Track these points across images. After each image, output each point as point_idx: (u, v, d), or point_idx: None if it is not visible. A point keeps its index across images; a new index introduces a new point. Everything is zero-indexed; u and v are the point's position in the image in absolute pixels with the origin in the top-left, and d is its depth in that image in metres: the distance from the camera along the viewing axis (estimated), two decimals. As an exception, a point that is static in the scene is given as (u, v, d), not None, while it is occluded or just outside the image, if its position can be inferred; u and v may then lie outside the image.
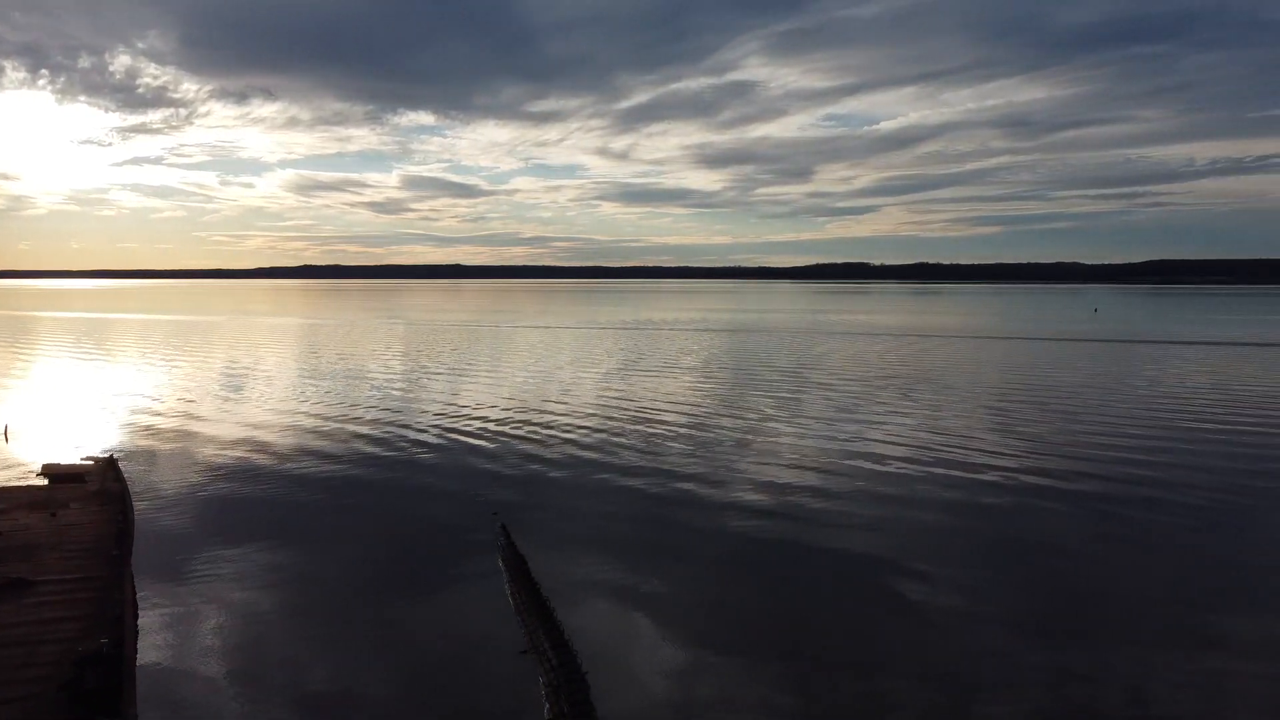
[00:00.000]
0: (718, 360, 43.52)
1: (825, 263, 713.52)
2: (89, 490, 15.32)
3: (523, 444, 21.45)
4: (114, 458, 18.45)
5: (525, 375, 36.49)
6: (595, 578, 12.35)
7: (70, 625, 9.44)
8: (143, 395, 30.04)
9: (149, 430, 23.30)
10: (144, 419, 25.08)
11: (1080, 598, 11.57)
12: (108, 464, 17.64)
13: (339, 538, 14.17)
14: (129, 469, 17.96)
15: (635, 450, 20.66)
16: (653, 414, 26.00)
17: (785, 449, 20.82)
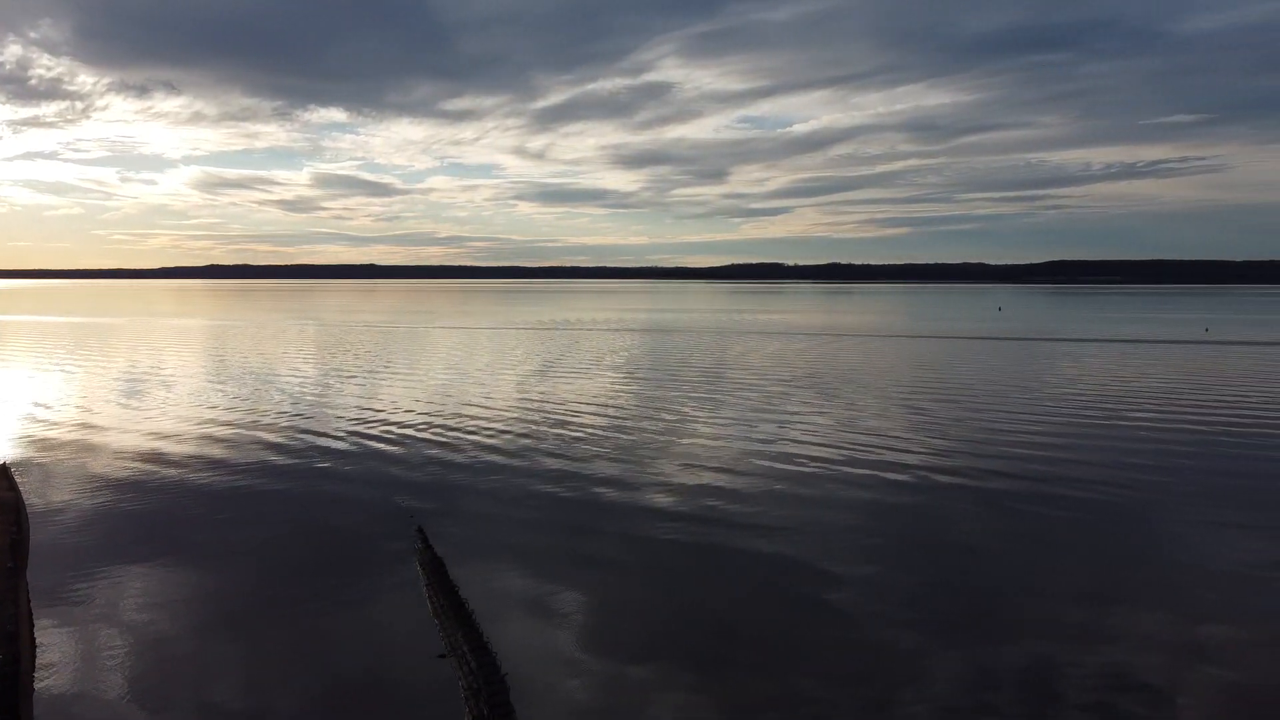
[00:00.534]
0: (637, 361, 43.70)
1: (741, 263, 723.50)
2: (-21, 502, 14.61)
3: (440, 449, 21.21)
4: (6, 466, 17.63)
5: (442, 378, 36.06)
6: (514, 581, 12.30)
7: (-39, 645, 9.01)
8: (37, 401, 28.74)
9: (44, 438, 22.31)
10: (39, 426, 24.00)
11: (987, 595, 11.99)
12: (0, 472, 16.86)
13: (249, 549, 13.80)
14: (23, 478, 17.19)
15: (555, 454, 20.62)
16: (572, 416, 25.99)
17: (703, 451, 21.04)
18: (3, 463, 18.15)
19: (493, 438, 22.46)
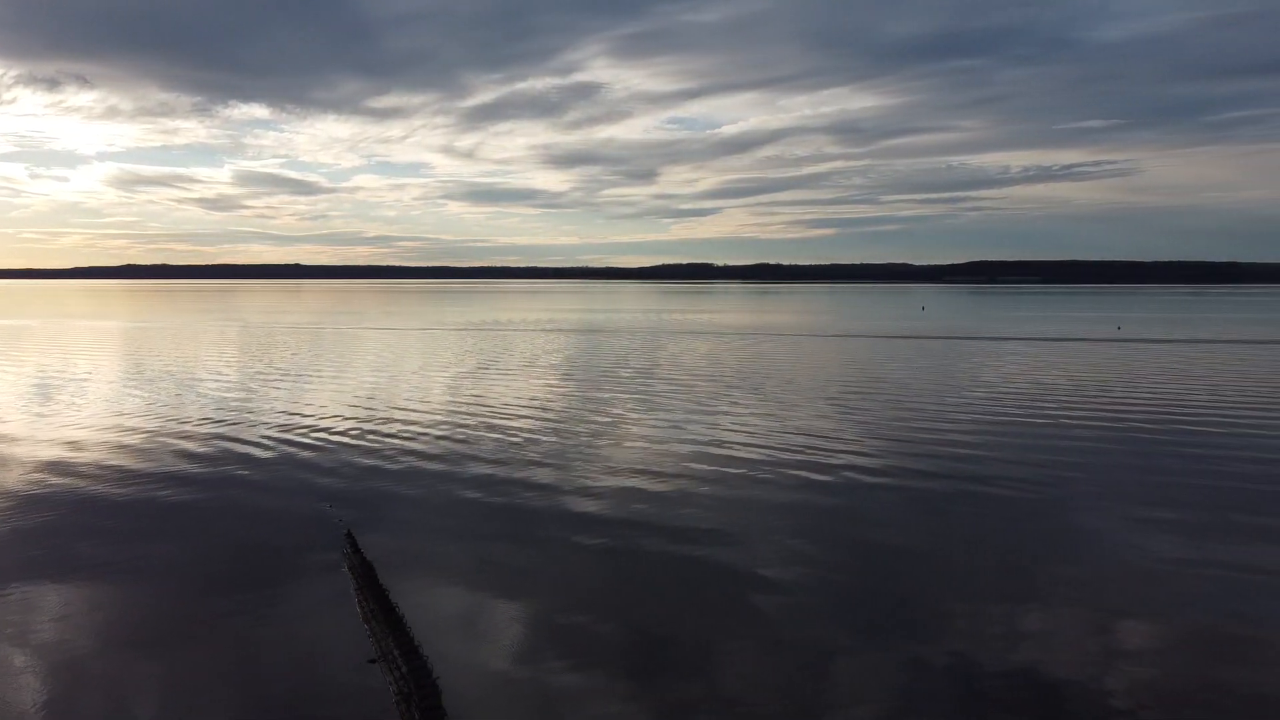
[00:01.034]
0: (568, 362, 43.57)
1: (670, 263, 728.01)
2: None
3: (369, 455, 20.85)
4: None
5: (370, 380, 35.46)
6: (446, 587, 12.15)
7: None
8: (-61, 409, 27.46)
9: (-53, 448, 21.32)
10: (-59, 436, 22.93)
11: (912, 594, 12.24)
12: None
13: (168, 563, 13.37)
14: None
15: (486, 458, 20.43)
16: (503, 419, 25.78)
17: (633, 454, 21.07)
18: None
19: (423, 442, 22.15)
